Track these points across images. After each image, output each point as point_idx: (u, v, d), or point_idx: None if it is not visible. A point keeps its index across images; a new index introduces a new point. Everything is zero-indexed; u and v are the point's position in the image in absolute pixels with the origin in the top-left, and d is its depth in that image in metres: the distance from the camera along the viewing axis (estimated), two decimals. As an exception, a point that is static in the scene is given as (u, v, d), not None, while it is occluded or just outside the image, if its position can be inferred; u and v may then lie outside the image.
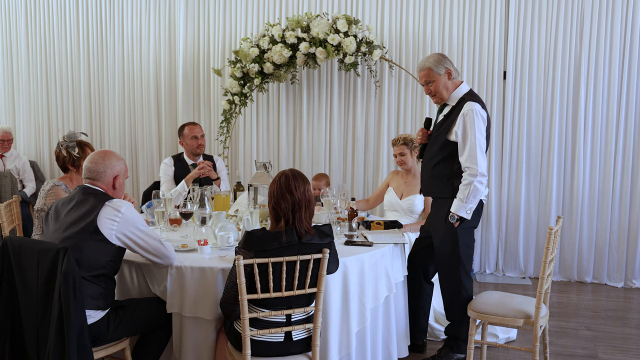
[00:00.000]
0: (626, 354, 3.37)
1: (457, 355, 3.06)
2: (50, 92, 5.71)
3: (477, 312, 2.76)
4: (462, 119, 2.85)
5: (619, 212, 4.68)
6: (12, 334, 2.25)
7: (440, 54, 3.01)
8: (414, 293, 3.22)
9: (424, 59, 3.02)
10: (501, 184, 4.86)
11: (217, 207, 3.42)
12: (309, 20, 4.57)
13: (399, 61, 4.90)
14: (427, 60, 2.99)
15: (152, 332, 2.55)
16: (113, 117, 5.59)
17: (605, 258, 4.74)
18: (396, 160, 3.83)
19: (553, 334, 3.61)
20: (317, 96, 5.11)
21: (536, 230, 4.84)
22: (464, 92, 2.97)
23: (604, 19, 4.55)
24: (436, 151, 2.99)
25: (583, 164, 4.69)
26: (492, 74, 4.79)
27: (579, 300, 4.36)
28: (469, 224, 2.94)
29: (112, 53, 5.51)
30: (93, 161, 2.42)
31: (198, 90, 5.41)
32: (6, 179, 4.98)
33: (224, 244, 2.72)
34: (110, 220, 2.27)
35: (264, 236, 2.21)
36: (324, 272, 2.25)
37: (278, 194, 2.26)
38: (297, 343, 2.30)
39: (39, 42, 5.67)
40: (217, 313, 2.45)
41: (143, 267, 2.57)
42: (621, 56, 4.57)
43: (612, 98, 4.61)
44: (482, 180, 2.83)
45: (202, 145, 4.07)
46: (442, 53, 3.09)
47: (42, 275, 2.15)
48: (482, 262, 4.99)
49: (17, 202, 3.55)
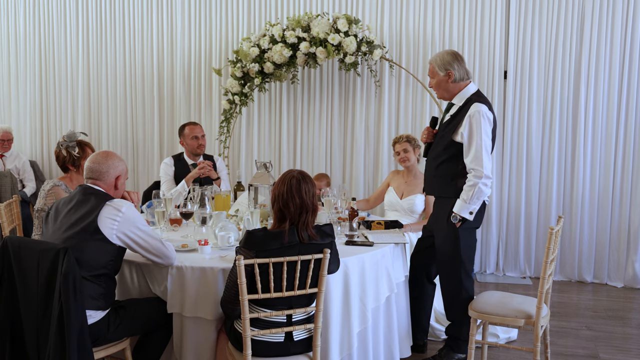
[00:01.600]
0: (627, 354, 3.37)
1: (458, 355, 3.06)
2: (50, 92, 5.70)
3: (478, 312, 2.76)
4: (469, 120, 2.84)
5: (620, 212, 4.68)
6: (12, 334, 2.25)
7: (452, 54, 2.96)
8: (415, 293, 3.22)
9: (438, 52, 3.03)
10: (502, 183, 4.86)
11: (217, 207, 3.41)
12: (309, 20, 4.57)
13: (399, 61, 4.89)
14: (436, 56, 2.99)
15: (152, 332, 2.54)
16: (113, 117, 5.58)
17: (605, 258, 4.73)
18: (399, 158, 3.81)
19: (554, 334, 3.60)
20: (318, 96, 5.11)
21: (537, 230, 4.84)
22: (472, 93, 2.95)
23: (604, 18, 4.54)
24: (441, 151, 2.98)
25: (583, 164, 4.68)
26: (492, 74, 4.79)
27: (580, 300, 4.36)
28: (471, 224, 2.93)
29: (112, 52, 5.50)
30: (95, 161, 2.42)
31: (198, 90, 5.40)
32: (6, 179, 4.97)
33: (225, 244, 2.72)
34: (111, 220, 2.27)
35: (265, 236, 2.21)
36: (325, 272, 2.24)
37: (287, 196, 2.25)
38: (297, 343, 2.30)
39: (38, 42, 5.66)
40: (218, 313, 2.45)
41: (143, 267, 2.57)
42: (622, 56, 4.56)
43: (613, 98, 4.61)
44: (487, 182, 2.82)
45: (203, 145, 4.07)
46: (455, 53, 2.97)
47: (42, 275, 2.15)
48: (482, 262, 4.98)
49: (17, 202, 3.55)
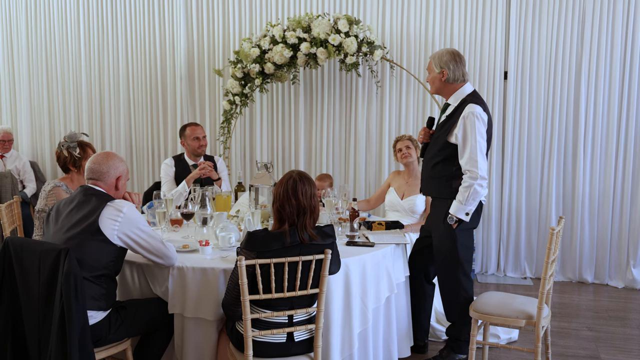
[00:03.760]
0: (628, 354, 3.36)
1: (459, 356, 3.06)
2: (51, 93, 5.71)
3: (479, 312, 2.76)
4: (463, 121, 2.84)
5: (620, 212, 4.68)
6: (14, 335, 2.25)
7: (452, 53, 2.95)
8: (415, 293, 3.22)
9: (441, 49, 3.02)
10: (502, 184, 4.86)
11: (218, 207, 3.41)
12: (310, 20, 4.57)
13: (400, 61, 4.89)
14: (438, 52, 2.99)
15: (153, 333, 2.54)
16: (115, 118, 5.59)
17: (606, 258, 4.73)
18: (401, 154, 3.79)
19: (555, 335, 3.60)
20: (318, 96, 5.11)
21: (537, 230, 4.84)
22: (467, 93, 2.95)
23: (605, 19, 4.54)
24: (436, 152, 2.99)
25: (584, 164, 4.68)
26: (493, 74, 4.79)
27: (580, 300, 4.35)
28: (468, 225, 2.93)
29: (112, 53, 5.51)
30: (96, 162, 2.43)
31: (199, 90, 5.40)
32: (7, 180, 4.98)
33: (226, 245, 2.72)
34: (112, 220, 2.27)
35: (266, 237, 2.20)
36: (326, 272, 2.24)
37: (284, 197, 2.25)
38: (299, 344, 2.30)
39: (39, 43, 5.66)
40: (219, 314, 2.45)
41: (144, 268, 2.57)
42: (622, 56, 4.56)
43: (613, 98, 4.60)
44: (482, 183, 2.82)
45: (204, 146, 4.07)
46: (456, 54, 2.95)
47: (43, 276, 2.15)
48: (483, 263, 4.98)
49: (18, 203, 3.55)
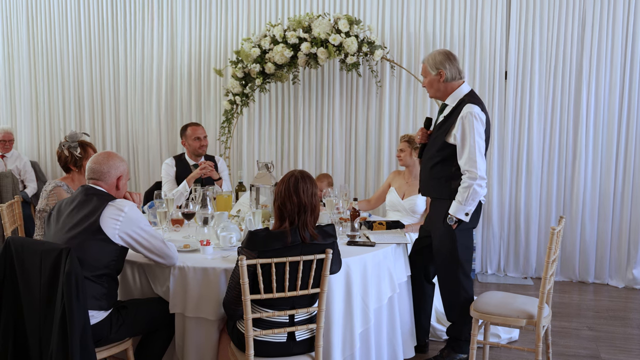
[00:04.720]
0: (629, 354, 3.37)
1: (459, 356, 3.06)
2: (51, 93, 5.71)
3: (479, 312, 2.76)
4: (461, 122, 2.83)
5: (621, 212, 4.68)
6: (15, 334, 2.25)
7: (444, 53, 2.96)
8: (415, 293, 3.21)
9: (431, 52, 3.02)
10: (503, 184, 4.86)
11: (219, 207, 3.41)
12: (311, 20, 4.57)
13: (400, 61, 4.89)
14: (429, 55, 3.00)
15: (154, 333, 2.55)
16: (115, 117, 5.59)
17: (607, 258, 4.73)
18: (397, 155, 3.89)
19: (555, 334, 3.60)
20: (319, 96, 5.11)
21: (538, 230, 4.84)
22: (464, 93, 2.94)
23: (605, 18, 4.54)
24: (435, 152, 2.98)
25: (584, 164, 4.68)
26: (493, 74, 4.79)
27: (581, 300, 4.36)
28: (467, 225, 2.93)
29: (113, 53, 5.51)
30: (97, 162, 2.43)
31: (199, 90, 5.40)
32: (7, 180, 4.98)
33: (227, 244, 2.72)
34: (113, 220, 2.27)
35: (267, 236, 2.21)
36: (327, 272, 2.25)
37: (285, 194, 2.26)
38: (300, 343, 2.30)
39: (40, 42, 5.67)
40: (220, 313, 2.45)
41: (146, 268, 2.57)
42: (623, 56, 4.56)
43: (614, 97, 4.60)
44: (481, 183, 2.82)
45: (205, 146, 4.07)
46: (448, 53, 2.96)
47: (44, 275, 2.15)
48: (483, 263, 4.98)
49: (19, 203, 3.55)
